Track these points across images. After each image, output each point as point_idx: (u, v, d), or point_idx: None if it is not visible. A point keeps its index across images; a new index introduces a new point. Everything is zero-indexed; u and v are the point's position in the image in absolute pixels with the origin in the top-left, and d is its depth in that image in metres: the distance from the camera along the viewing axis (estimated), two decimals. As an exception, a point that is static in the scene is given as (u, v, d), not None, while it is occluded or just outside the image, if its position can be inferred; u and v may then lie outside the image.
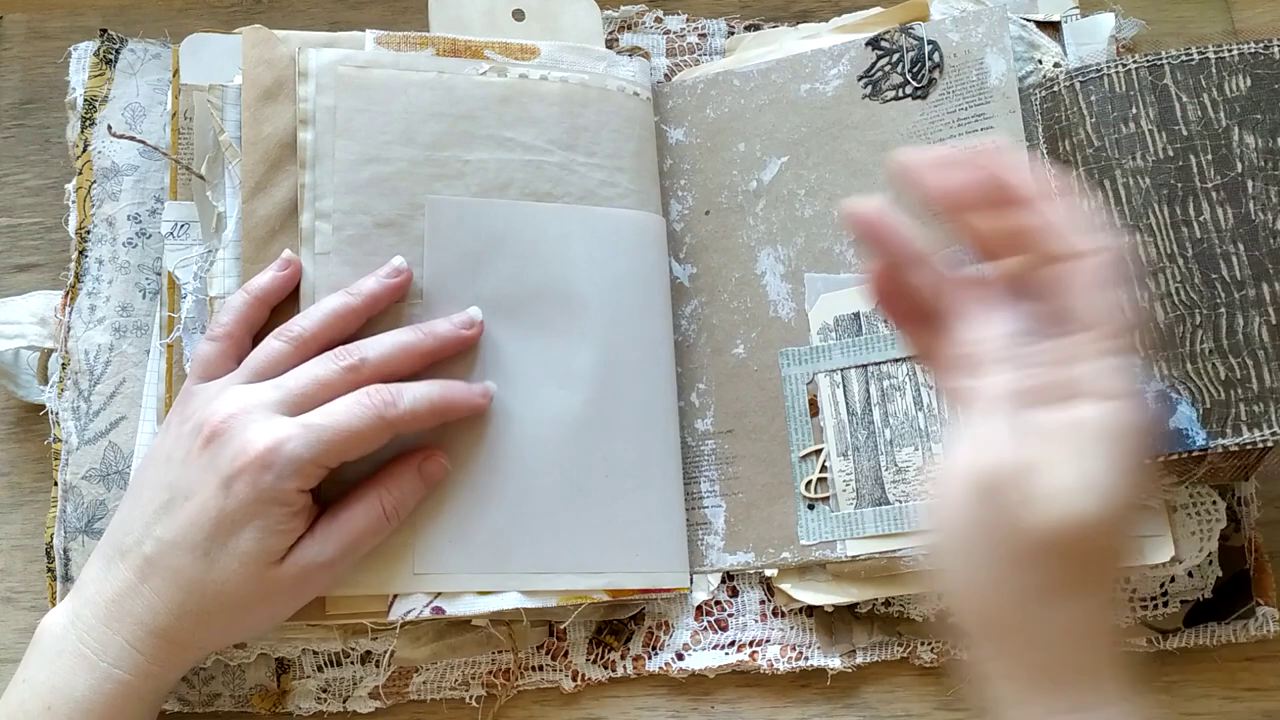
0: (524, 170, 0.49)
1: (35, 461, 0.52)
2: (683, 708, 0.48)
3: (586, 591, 0.46)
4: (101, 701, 0.40)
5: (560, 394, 0.47)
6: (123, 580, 0.41)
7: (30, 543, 0.51)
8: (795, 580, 0.48)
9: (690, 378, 0.51)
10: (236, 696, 0.47)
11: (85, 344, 0.49)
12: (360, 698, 0.47)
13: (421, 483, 0.44)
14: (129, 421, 0.48)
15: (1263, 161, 0.46)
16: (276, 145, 0.47)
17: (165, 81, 0.52)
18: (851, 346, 0.49)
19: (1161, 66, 0.47)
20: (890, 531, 0.46)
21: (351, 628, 0.46)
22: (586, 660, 0.48)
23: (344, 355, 0.43)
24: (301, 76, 0.48)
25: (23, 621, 0.49)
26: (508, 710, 0.48)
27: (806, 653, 0.48)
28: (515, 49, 0.51)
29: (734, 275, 0.52)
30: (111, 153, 0.51)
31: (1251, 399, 0.44)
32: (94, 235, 0.50)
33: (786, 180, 0.52)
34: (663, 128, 0.54)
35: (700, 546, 0.49)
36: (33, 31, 0.57)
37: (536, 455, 0.47)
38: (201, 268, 0.48)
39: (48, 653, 0.41)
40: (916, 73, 0.51)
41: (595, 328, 0.48)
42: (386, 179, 0.47)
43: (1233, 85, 0.47)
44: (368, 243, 0.47)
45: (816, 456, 0.48)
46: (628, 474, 0.48)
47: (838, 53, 0.52)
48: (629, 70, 0.52)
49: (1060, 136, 0.48)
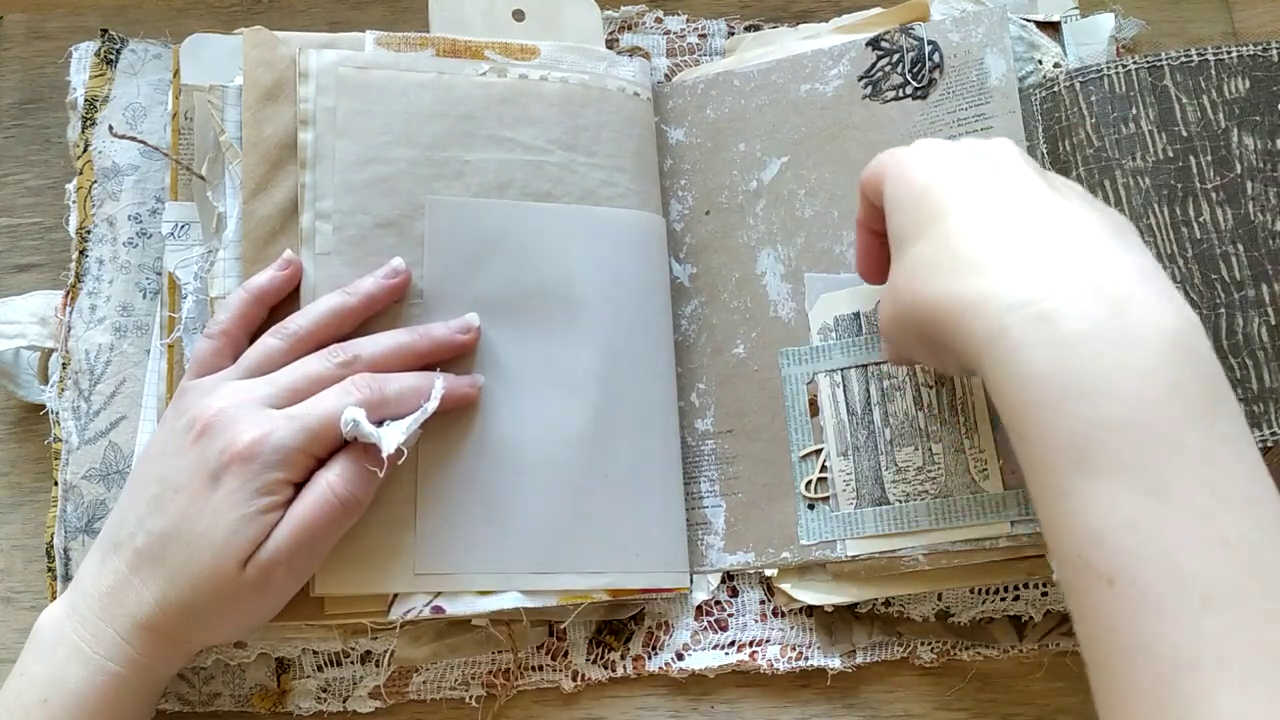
0: (524, 170, 0.49)
1: (35, 461, 0.52)
2: (683, 708, 0.48)
3: (587, 591, 0.46)
4: (95, 694, 0.40)
5: (560, 394, 0.47)
6: (116, 573, 0.41)
7: (30, 543, 0.51)
8: (795, 580, 0.48)
9: (690, 378, 0.51)
10: (236, 696, 0.47)
11: (85, 344, 0.49)
12: (360, 697, 0.47)
13: (372, 467, 0.42)
14: (129, 421, 0.48)
15: (1261, 163, 0.46)
16: (277, 146, 0.47)
17: (166, 82, 0.52)
18: (851, 346, 0.49)
19: (1161, 67, 0.47)
20: (890, 531, 0.46)
21: (351, 628, 0.46)
22: (586, 660, 0.48)
23: (337, 353, 0.44)
24: (302, 77, 0.48)
25: (23, 621, 0.49)
26: (508, 710, 0.48)
27: (806, 653, 0.48)
28: (515, 49, 0.51)
29: (734, 275, 0.52)
30: (112, 153, 0.51)
31: (1251, 399, 0.44)
32: (94, 235, 0.51)
33: (787, 180, 0.52)
34: (663, 128, 0.54)
35: (700, 546, 0.49)
36: (33, 31, 0.57)
37: (536, 455, 0.47)
38: (202, 268, 0.48)
39: (45, 646, 0.41)
40: (917, 73, 0.51)
41: (595, 327, 0.48)
42: (387, 179, 0.47)
43: (1232, 87, 0.47)
44: (368, 243, 0.47)
45: (816, 456, 0.48)
46: (628, 474, 0.48)
47: (838, 53, 0.52)
48: (629, 70, 0.52)
49: (1060, 137, 0.48)
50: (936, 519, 0.46)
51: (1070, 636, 0.47)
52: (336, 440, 0.42)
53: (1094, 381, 0.33)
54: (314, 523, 0.41)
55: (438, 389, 0.43)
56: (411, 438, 0.42)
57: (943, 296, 0.37)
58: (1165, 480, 0.31)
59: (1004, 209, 0.37)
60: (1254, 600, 0.30)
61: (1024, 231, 0.36)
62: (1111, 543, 0.32)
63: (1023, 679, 0.48)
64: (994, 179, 0.38)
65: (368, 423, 0.41)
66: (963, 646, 0.48)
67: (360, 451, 0.42)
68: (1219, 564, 0.30)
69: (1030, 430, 0.34)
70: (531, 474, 0.46)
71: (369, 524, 0.44)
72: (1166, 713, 0.30)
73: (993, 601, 0.48)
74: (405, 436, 0.42)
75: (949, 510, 0.46)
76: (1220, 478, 0.32)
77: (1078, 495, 0.33)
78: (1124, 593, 0.31)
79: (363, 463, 0.42)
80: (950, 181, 0.39)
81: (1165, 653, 0.30)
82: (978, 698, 0.48)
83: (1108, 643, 0.32)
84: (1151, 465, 0.32)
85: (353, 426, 0.41)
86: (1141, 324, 0.33)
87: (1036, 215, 0.37)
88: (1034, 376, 0.33)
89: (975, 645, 0.48)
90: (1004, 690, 0.48)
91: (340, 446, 0.42)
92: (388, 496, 0.45)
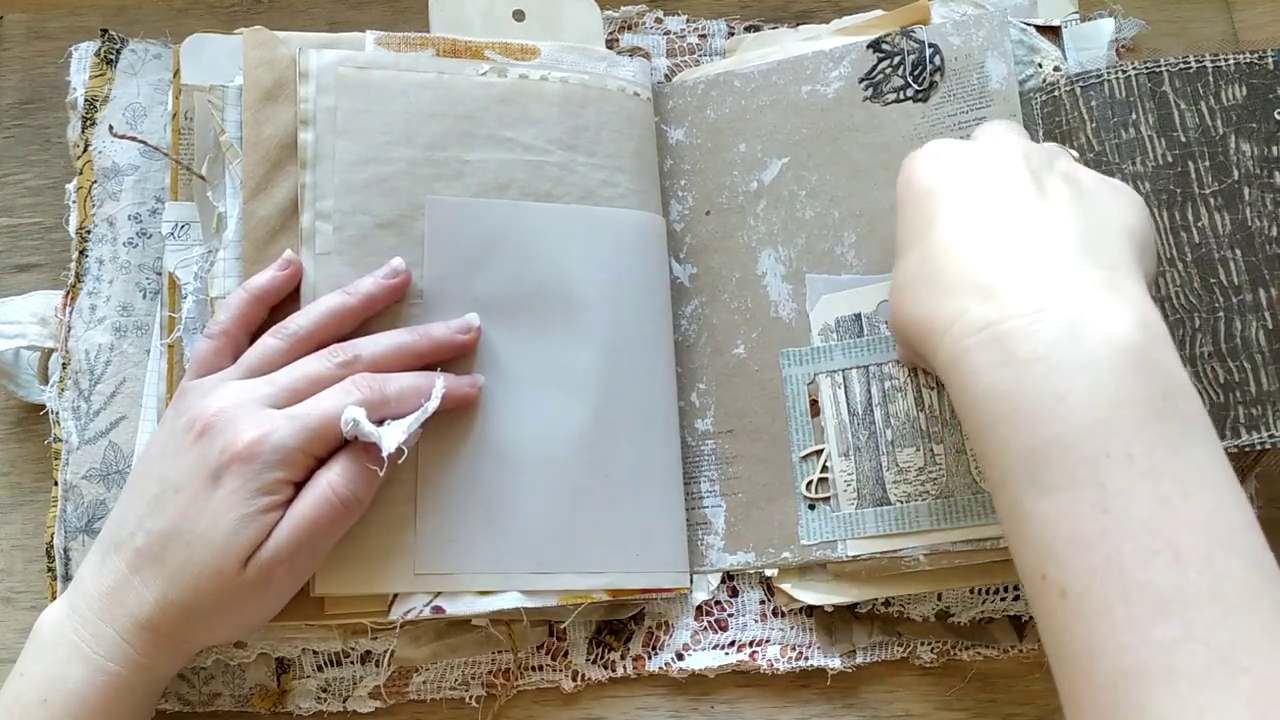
0: (524, 170, 0.49)
1: (35, 461, 0.52)
2: (683, 708, 0.48)
3: (587, 591, 0.46)
4: (95, 694, 0.40)
5: (560, 394, 0.48)
6: (116, 573, 0.41)
7: (30, 543, 0.51)
8: (795, 580, 0.48)
9: (690, 378, 0.51)
10: (236, 696, 0.47)
11: (86, 344, 0.49)
12: (360, 697, 0.47)
13: (373, 466, 0.42)
14: (129, 421, 0.48)
15: (1258, 169, 0.46)
16: (277, 146, 0.47)
17: (166, 82, 0.52)
18: (852, 347, 0.49)
19: (1160, 73, 0.47)
20: (891, 531, 0.46)
21: (351, 628, 0.46)
22: (586, 660, 0.48)
23: (338, 352, 0.44)
24: (302, 77, 0.48)
25: (23, 621, 0.49)
26: (508, 710, 0.48)
27: (806, 653, 0.48)
28: (515, 49, 0.51)
29: (734, 275, 0.52)
30: (112, 153, 0.51)
31: (1250, 402, 0.44)
32: (94, 235, 0.50)
33: (787, 181, 0.52)
34: (663, 128, 0.54)
35: (700, 546, 0.49)
36: (33, 31, 0.57)
37: (537, 455, 0.47)
38: (202, 268, 0.48)
39: (45, 646, 0.41)
40: (917, 76, 0.51)
41: (595, 327, 0.49)
42: (387, 179, 0.47)
43: (1229, 94, 0.47)
44: (368, 243, 0.47)
45: (817, 457, 0.48)
46: (628, 474, 0.48)
47: (839, 55, 0.52)
48: (629, 70, 0.52)
49: (1061, 141, 0.48)
50: (937, 519, 0.46)
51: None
52: (337, 440, 0.42)
53: (1047, 400, 0.33)
54: (314, 522, 0.41)
55: (438, 388, 0.43)
56: (412, 437, 0.42)
57: (921, 315, 0.38)
58: (1114, 493, 0.32)
59: (985, 223, 0.38)
60: (1206, 608, 0.30)
61: (998, 249, 0.37)
62: (1062, 557, 0.33)
63: (1023, 679, 0.48)
64: (985, 186, 0.39)
65: (368, 422, 0.41)
66: (963, 646, 0.48)
67: (360, 451, 0.42)
68: (1169, 574, 0.31)
69: (990, 450, 0.35)
70: (531, 474, 0.47)
71: (369, 524, 0.44)
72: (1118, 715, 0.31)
73: (993, 601, 0.48)
74: (405, 436, 0.42)
75: (950, 510, 0.46)
76: (1171, 489, 0.32)
77: (1031, 513, 0.33)
78: (1076, 604, 0.32)
79: (363, 462, 0.42)
80: (945, 189, 0.40)
81: (1114, 661, 0.31)
82: (978, 698, 0.48)
83: (1064, 650, 0.33)
84: (1100, 479, 0.32)
85: (353, 426, 0.41)
86: (1093, 340, 0.34)
87: (1014, 230, 0.37)
88: (991, 398, 0.34)
89: (975, 645, 0.48)
90: (1004, 690, 0.48)
91: (340, 446, 0.42)
92: (388, 496, 0.45)
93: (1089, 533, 0.32)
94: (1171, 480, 0.32)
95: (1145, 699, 0.30)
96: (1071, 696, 0.33)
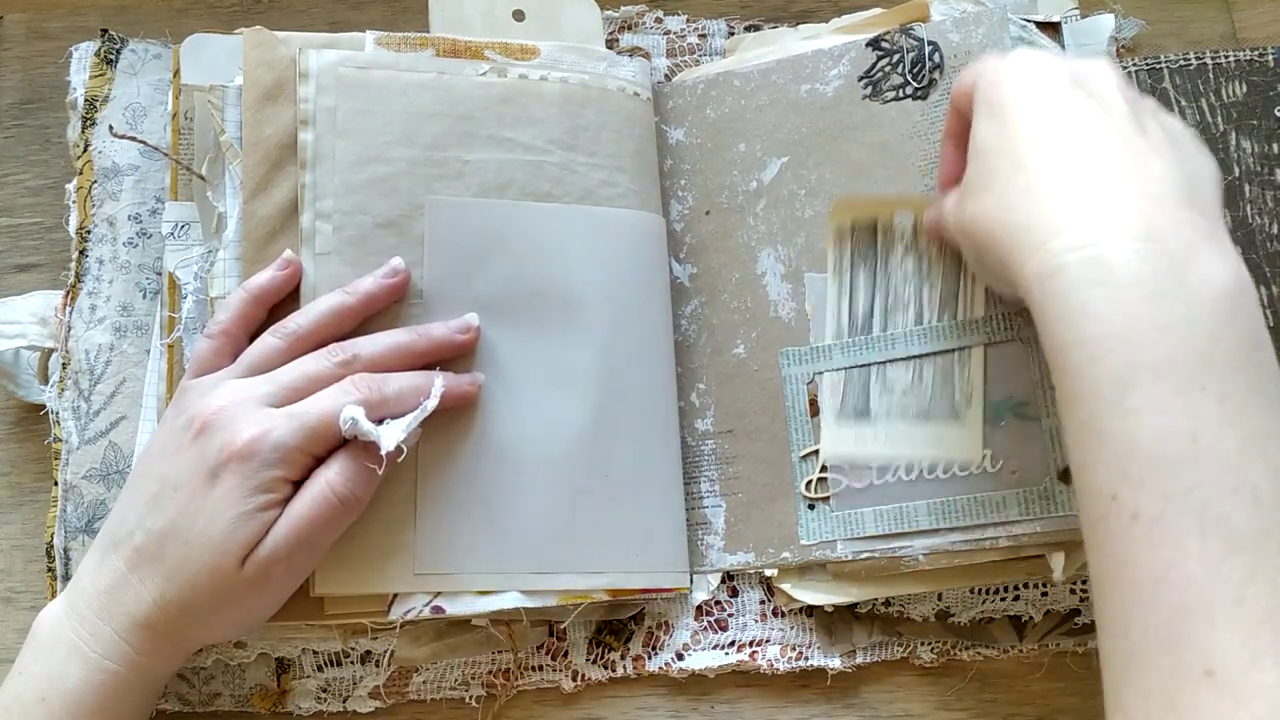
0: (524, 170, 0.49)
1: (35, 461, 0.52)
2: (683, 708, 0.48)
3: (587, 591, 0.46)
4: (93, 692, 0.40)
5: (560, 394, 0.48)
6: (114, 571, 0.41)
7: (30, 543, 0.51)
8: (795, 580, 0.48)
9: (690, 378, 0.51)
10: (236, 696, 0.47)
11: (85, 344, 0.49)
12: (360, 697, 0.47)
13: (371, 465, 0.42)
14: (129, 421, 0.48)
15: (1259, 166, 0.46)
16: (277, 146, 0.47)
17: (166, 82, 0.52)
18: (852, 347, 0.49)
19: (1160, 70, 0.47)
20: (890, 531, 0.46)
21: (351, 628, 0.46)
22: (586, 660, 0.48)
23: (337, 352, 0.44)
24: (302, 77, 0.48)
25: (23, 621, 0.49)
26: (508, 710, 0.48)
27: (806, 653, 0.48)
28: (515, 49, 0.51)
29: (734, 275, 0.52)
30: (112, 153, 0.51)
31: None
32: (94, 235, 0.51)
33: (787, 180, 0.52)
34: (663, 128, 0.54)
35: (700, 546, 0.49)
36: (33, 31, 0.57)
37: (537, 455, 0.47)
38: (202, 268, 0.48)
39: (43, 645, 0.41)
40: (917, 73, 0.51)
41: (595, 327, 0.49)
42: (387, 179, 0.47)
43: (1229, 91, 0.47)
44: (368, 243, 0.47)
45: (817, 456, 0.48)
46: (628, 474, 0.48)
47: (838, 53, 0.52)
48: (629, 70, 0.52)
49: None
50: (936, 519, 0.46)
51: (1070, 636, 0.47)
52: (335, 439, 0.42)
53: (1144, 326, 0.34)
54: (313, 520, 0.41)
55: (437, 388, 0.43)
56: (411, 436, 0.42)
57: (1014, 221, 0.38)
58: (1204, 426, 0.33)
59: (1086, 146, 0.38)
60: (1272, 556, 0.31)
61: (1098, 174, 0.37)
62: (1139, 479, 0.33)
63: (1023, 679, 0.48)
64: (1084, 111, 0.39)
65: (366, 421, 0.41)
66: (963, 646, 0.48)
67: (359, 450, 0.42)
68: (1245, 513, 0.32)
69: (1075, 365, 0.35)
70: (531, 474, 0.46)
71: (368, 523, 0.44)
72: (1173, 647, 0.31)
73: (993, 601, 0.48)
74: (405, 435, 0.42)
75: (949, 510, 0.46)
76: (1255, 432, 0.33)
77: (1112, 433, 0.34)
78: (1148, 529, 0.32)
79: (362, 461, 0.42)
80: (1040, 105, 0.39)
81: (1180, 593, 0.31)
82: (978, 698, 0.48)
83: (1125, 574, 0.33)
84: (1193, 410, 0.33)
85: (352, 425, 0.41)
86: (1195, 278, 0.34)
87: (1115, 159, 0.37)
88: (1085, 315, 0.35)
89: (975, 645, 0.48)
90: (1004, 690, 0.48)
91: (339, 445, 0.42)
92: (387, 496, 0.45)
93: (1175, 458, 0.32)
94: (1257, 426, 0.33)
95: (1206, 633, 0.31)
96: (1120, 621, 0.33)
